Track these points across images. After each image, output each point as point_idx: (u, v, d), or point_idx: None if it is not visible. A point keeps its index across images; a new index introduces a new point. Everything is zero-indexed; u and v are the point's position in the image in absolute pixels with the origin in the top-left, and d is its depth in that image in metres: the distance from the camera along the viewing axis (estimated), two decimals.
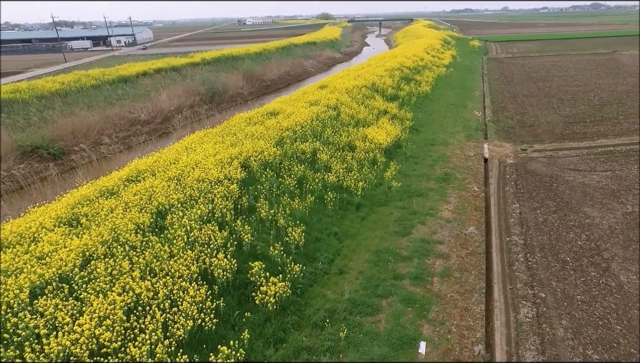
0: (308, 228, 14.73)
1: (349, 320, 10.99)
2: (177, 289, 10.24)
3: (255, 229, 13.62)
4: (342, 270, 13.21)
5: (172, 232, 11.84)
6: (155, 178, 14.92)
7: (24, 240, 11.10)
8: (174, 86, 46.97)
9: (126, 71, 47.45)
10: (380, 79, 36.34)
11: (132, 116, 37.59)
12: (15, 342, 8.24)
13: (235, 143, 18.60)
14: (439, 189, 19.08)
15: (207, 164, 15.86)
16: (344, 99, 28.23)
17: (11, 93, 35.55)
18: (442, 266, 13.41)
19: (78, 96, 39.35)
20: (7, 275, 9.65)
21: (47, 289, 9.34)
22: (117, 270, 10.20)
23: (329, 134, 21.96)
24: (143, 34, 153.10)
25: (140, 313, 9.46)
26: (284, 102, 27.24)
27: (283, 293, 11.17)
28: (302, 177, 17.54)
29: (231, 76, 54.85)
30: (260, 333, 10.45)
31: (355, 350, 10.08)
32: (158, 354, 8.66)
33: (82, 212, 12.58)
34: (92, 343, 8.50)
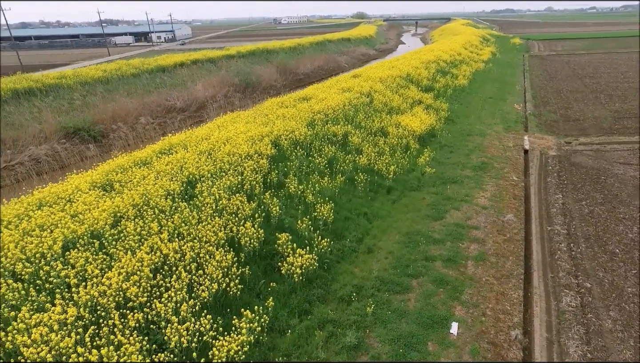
0: (337, 207, 14.39)
1: (377, 297, 10.58)
2: (203, 253, 10.18)
3: (283, 203, 13.42)
4: (371, 249, 12.80)
5: (201, 200, 11.81)
6: (187, 151, 15.02)
7: (60, 200, 11.36)
8: (209, 77, 47.82)
9: (164, 61, 48.74)
10: (416, 70, 35.49)
11: (168, 103, 38.48)
12: (47, 289, 8.38)
13: (266, 123, 18.52)
14: (474, 177, 18.27)
15: (238, 140, 15.82)
16: (378, 87, 27.69)
17: (57, 79, 37.20)
18: (477, 251, 12.73)
19: (119, 83, 40.71)
20: (42, 229, 9.88)
21: (78, 243, 9.47)
22: (146, 230, 10.25)
23: (361, 119, 21.53)
24: (182, 30, 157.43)
25: (167, 273, 9.44)
26: (317, 89, 27.03)
27: (309, 265, 10.90)
28: (333, 158, 17.22)
29: (265, 68, 55.30)
30: (285, 303, 10.22)
31: (383, 326, 9.67)
32: (182, 313, 8.58)
33: (116, 178, 12.78)
34: (119, 296, 8.53)
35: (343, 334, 9.37)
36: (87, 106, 34.27)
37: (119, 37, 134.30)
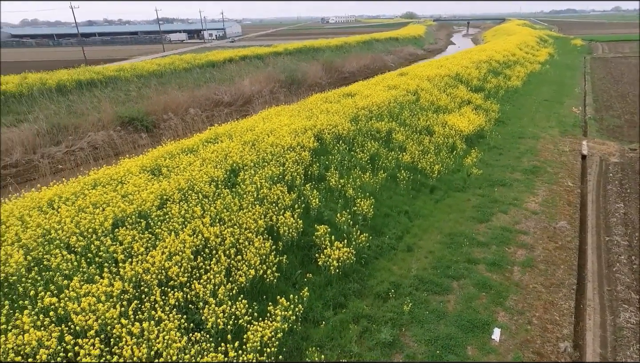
0: (377, 203, 14.14)
1: (415, 296, 10.27)
2: (243, 239, 10.32)
3: (323, 196, 13.37)
4: (411, 248, 12.45)
5: (243, 188, 12.00)
6: (232, 140, 15.34)
7: (113, 181, 11.96)
8: (256, 72, 48.79)
9: (215, 56, 50.33)
10: (465, 70, 34.26)
11: (216, 97, 39.68)
12: (97, 262, 8.82)
13: (310, 117, 18.56)
14: (525, 181, 17.32)
15: (282, 132, 15.95)
16: (425, 86, 26.99)
17: (116, 71, 39.45)
18: (524, 256, 12.03)
19: (171, 76, 42.51)
20: (96, 206, 10.43)
21: (127, 222, 9.91)
22: (189, 214, 10.55)
23: (406, 117, 21.06)
24: (232, 28, 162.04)
25: (207, 256, 9.65)
26: (362, 85, 26.79)
27: (347, 259, 10.76)
28: (375, 154, 16.95)
29: (311, 65, 55.62)
30: (320, 294, 10.16)
31: (420, 326, 9.35)
32: (220, 295, 8.74)
33: (164, 164, 13.28)
34: (162, 274, 8.82)
35: (378, 330, 9.17)
36: (141, 98, 36.04)
37: (173, 34, 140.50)
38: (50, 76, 36.47)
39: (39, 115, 30.05)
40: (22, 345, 6.90)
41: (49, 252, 8.79)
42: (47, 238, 9.20)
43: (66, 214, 9.96)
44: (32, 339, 6.94)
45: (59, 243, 9.07)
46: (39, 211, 10.32)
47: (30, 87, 33.65)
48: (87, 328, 7.42)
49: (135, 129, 31.19)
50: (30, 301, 7.72)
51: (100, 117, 31.01)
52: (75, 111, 32.02)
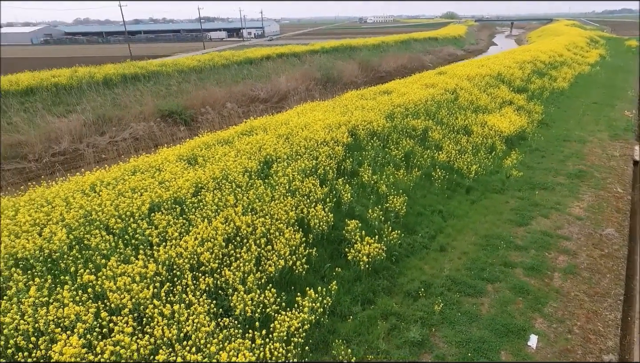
0: (410, 201, 13.84)
1: (446, 296, 9.94)
2: (274, 229, 10.36)
3: (355, 191, 13.22)
4: (444, 248, 12.09)
5: (276, 179, 12.06)
6: (267, 133, 15.47)
7: (151, 168, 12.34)
8: (292, 70, 49.18)
9: (252, 54, 51.14)
10: (508, 70, 33.01)
11: (252, 93, 40.30)
12: (133, 244, 9.11)
13: (344, 113, 18.44)
14: (569, 185, 16.43)
15: (316, 127, 15.92)
16: (464, 85, 26.22)
17: (158, 66, 40.86)
18: (566, 263, 11.39)
19: (210, 72, 43.56)
20: (134, 191, 10.78)
21: (163, 207, 10.18)
22: (223, 202, 10.70)
23: (444, 115, 20.51)
24: (271, 27, 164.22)
25: (238, 244, 9.75)
26: (398, 83, 26.36)
27: (377, 255, 10.58)
28: (410, 152, 16.61)
29: (347, 64, 55.43)
30: (348, 289, 10.03)
31: (451, 327, 9.04)
32: (249, 283, 8.80)
33: (200, 153, 13.58)
34: (194, 259, 8.99)
35: (407, 329, 8.94)
36: (181, 92, 37.15)
37: (213, 32, 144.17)
38: (98, 70, 38.30)
39: (87, 106, 31.59)
40: (62, 318, 7.21)
41: (90, 232, 9.15)
42: (88, 219, 9.58)
43: (107, 197, 10.35)
44: (71, 313, 7.23)
45: (98, 224, 9.44)
46: (82, 194, 10.78)
47: (79, 80, 35.46)
48: (122, 306, 7.65)
49: (175, 122, 32.18)
50: (70, 277, 8.06)
51: (142, 110, 32.22)
52: (119, 104, 33.41)
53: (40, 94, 32.73)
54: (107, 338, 7.15)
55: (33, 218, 9.50)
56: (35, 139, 26.36)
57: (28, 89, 32.79)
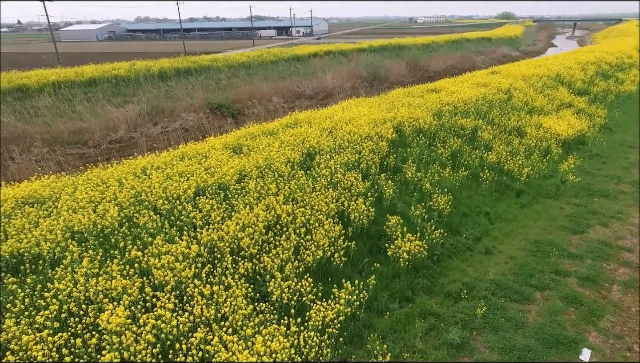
0: (455, 201, 13.34)
1: (490, 301, 9.46)
2: (313, 220, 10.34)
3: (398, 188, 12.93)
4: (489, 251, 11.53)
5: (318, 171, 12.04)
6: (311, 126, 15.51)
7: (198, 155, 12.75)
8: (339, 68, 49.16)
9: (300, 51, 51.64)
10: (568, 70, 31.06)
11: (298, 89, 40.68)
12: (178, 226, 9.42)
13: (390, 109, 18.13)
14: (633, 194, 15.15)
15: (360, 121, 15.76)
16: (519, 85, 24.97)
17: (210, 61, 42.29)
18: (627, 276, 10.49)
19: (258, 68, 44.51)
20: (181, 176, 11.16)
21: (207, 192, 10.45)
22: (265, 190, 10.83)
23: (495, 115, 19.61)
24: (319, 26, 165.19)
25: (278, 232, 9.82)
26: (448, 82, 25.58)
27: (418, 252, 10.26)
28: (458, 151, 16.02)
29: (394, 63, 54.60)
30: (386, 285, 9.81)
31: (493, 332, 8.59)
32: (286, 271, 8.83)
33: (245, 143, 13.85)
34: (234, 244, 9.15)
35: (446, 330, 8.59)
36: (230, 86, 38.19)
37: (263, 30, 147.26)
38: (154, 63, 40.25)
39: (142, 98, 33.24)
40: (110, 289, 7.58)
41: (139, 211, 9.58)
42: (138, 199, 10.03)
43: (156, 180, 10.79)
44: (118, 285, 7.58)
45: (147, 205, 9.85)
46: (134, 176, 11.31)
47: (137, 72, 37.45)
48: (165, 283, 7.92)
49: (222, 114, 33.12)
50: (119, 252, 8.46)
51: (192, 103, 33.45)
52: (172, 96, 34.88)
53: (101, 85, 34.90)
54: (149, 312, 7.43)
55: (89, 195, 10.09)
56: (95, 127, 28.10)
57: (91, 80, 35.07)
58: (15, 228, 8.74)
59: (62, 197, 10.05)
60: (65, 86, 33.26)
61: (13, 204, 9.79)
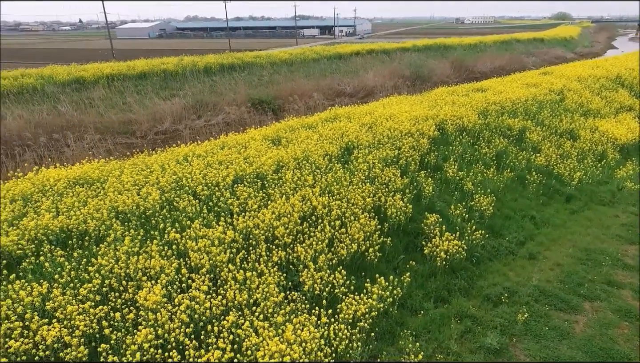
0: (499, 203, 12.75)
1: (533, 307, 8.93)
2: (349, 213, 10.20)
3: (437, 186, 12.52)
4: (534, 256, 10.91)
5: (356, 165, 11.89)
6: (350, 121, 15.37)
7: (238, 145, 12.97)
8: (381, 67, 48.58)
9: (343, 49, 51.54)
10: (630, 72, 28.94)
11: (339, 88, 40.58)
12: (215, 211, 9.60)
13: (433, 107, 17.66)
14: None
15: (401, 118, 15.44)
16: (573, 86, 23.56)
17: (253, 58, 43.08)
18: None
19: (300, 66, 44.82)
20: (221, 164, 11.38)
21: (245, 180, 10.59)
22: (301, 181, 10.82)
23: (545, 117, 18.61)
24: (363, 26, 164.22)
25: (313, 223, 9.77)
26: (495, 82, 24.62)
27: (456, 253, 9.87)
28: (503, 151, 15.31)
29: (439, 63, 53.25)
30: (422, 284, 9.51)
31: (535, 340, 8.09)
32: (319, 262, 8.75)
33: (284, 135, 13.94)
34: (269, 232, 9.20)
35: (483, 334, 8.19)
36: (271, 83, 38.71)
37: (307, 29, 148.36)
38: (200, 59, 41.56)
39: (188, 92, 34.39)
40: (149, 268, 7.82)
41: (179, 196, 9.85)
42: (179, 184, 10.32)
43: (197, 167, 11.08)
44: (156, 265, 7.81)
45: (187, 190, 10.12)
46: (176, 162, 11.67)
47: (184, 67, 38.80)
48: (200, 266, 8.08)
49: (263, 109, 33.64)
50: (159, 234, 8.72)
51: (235, 98, 34.21)
52: (215, 91, 35.83)
53: (151, 78, 36.45)
54: (184, 292, 7.59)
55: (134, 179, 10.50)
56: (143, 118, 29.38)
57: (142, 74, 36.70)
58: (66, 206, 9.23)
59: (110, 179, 10.52)
60: (118, 79, 35.03)
61: (65, 184, 10.36)
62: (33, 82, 31.53)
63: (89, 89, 32.95)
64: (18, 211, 9.15)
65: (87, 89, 32.97)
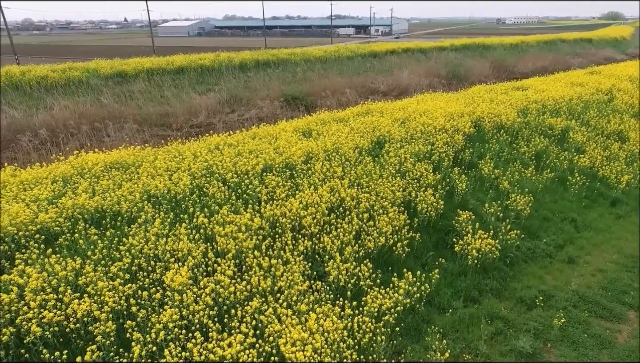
0: (537, 203, 12.15)
1: (571, 313, 8.41)
2: (378, 207, 9.99)
3: (472, 184, 12.07)
4: (573, 260, 10.30)
5: (386, 159, 11.64)
6: (382, 116, 15.10)
7: (269, 136, 13.02)
8: (417, 65, 47.63)
9: (377, 47, 50.99)
10: None
11: (372, 85, 40.12)
12: (243, 199, 9.64)
13: (469, 104, 17.08)
14: None
15: (435, 114, 15.03)
16: (624, 86, 22.20)
17: (288, 55, 43.33)
18: None
19: (334, 63, 44.66)
20: (251, 153, 11.44)
21: (274, 169, 10.59)
22: (330, 173, 10.70)
23: (591, 117, 17.59)
24: (399, 25, 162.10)
25: (340, 214, 9.63)
26: (537, 80, 23.69)
27: (489, 252, 9.46)
28: (544, 151, 14.59)
29: (477, 62, 51.67)
30: (451, 282, 9.17)
31: (572, 347, 7.61)
32: (346, 254, 8.61)
33: (315, 128, 13.86)
34: (296, 221, 9.14)
35: (515, 337, 7.79)
36: (305, 79, 38.76)
37: (342, 29, 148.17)
38: (236, 55, 42.24)
39: (223, 87, 35.02)
40: (176, 251, 7.93)
41: (209, 182, 9.96)
42: (209, 171, 10.46)
43: (228, 155, 11.18)
44: (184, 247, 7.92)
45: (217, 177, 10.22)
46: (208, 151, 11.84)
47: (220, 63, 39.57)
48: (226, 251, 8.12)
49: (296, 105, 33.74)
50: (188, 217, 8.84)
51: (268, 93, 34.51)
52: (249, 86, 36.31)
53: (188, 73, 37.39)
54: (210, 276, 7.65)
55: (167, 165, 10.74)
56: (179, 111, 30.17)
57: (180, 69, 37.73)
58: (102, 188, 9.54)
59: (144, 165, 10.80)
60: (157, 73, 36.15)
61: (102, 168, 10.73)
62: (79, 75, 33.06)
63: (129, 82, 34.19)
64: (57, 191, 9.55)
65: (128, 82, 34.23)
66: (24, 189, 9.56)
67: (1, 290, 6.77)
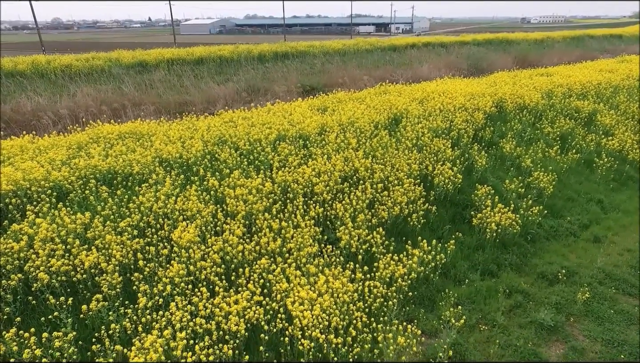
0: (561, 184, 11.61)
1: (596, 289, 7.93)
2: (393, 178, 9.69)
3: (492, 162, 11.62)
4: (599, 239, 9.76)
5: (403, 133, 11.32)
6: (400, 96, 14.75)
7: (283, 111, 12.84)
8: (437, 59, 46.83)
9: (397, 41, 50.39)
10: None
11: (391, 78, 39.43)
12: (256, 165, 9.49)
13: (491, 86, 16.53)
14: None
15: (455, 94, 14.58)
16: None
17: (307, 47, 43.19)
18: None
19: (353, 56, 44.31)
20: (264, 125, 11.29)
21: (288, 139, 10.42)
22: (345, 143, 10.45)
23: (621, 101, 16.80)
24: (420, 23, 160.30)
25: (354, 184, 9.38)
26: (563, 68, 22.85)
27: (509, 226, 9.04)
28: (569, 133, 13.99)
29: (499, 57, 50.39)
30: (467, 256, 8.80)
31: (597, 322, 7.15)
32: (358, 221, 8.35)
33: (330, 106, 13.63)
34: (308, 188, 8.93)
35: (535, 310, 7.37)
36: (323, 72, 38.53)
37: (362, 27, 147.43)
38: (255, 47, 42.40)
39: (241, 77, 35.10)
40: (185, 210, 7.83)
41: (221, 149, 9.85)
42: (222, 139, 10.36)
43: (241, 128, 11.06)
44: (193, 207, 7.81)
45: (230, 145, 10.11)
46: (222, 123, 11.75)
47: (239, 54, 39.77)
48: (236, 212, 7.98)
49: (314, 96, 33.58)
50: (199, 180, 8.74)
51: (286, 84, 34.45)
52: (267, 78, 36.28)
53: (207, 64, 37.68)
54: (219, 236, 7.51)
55: (180, 134, 10.69)
56: (197, 100, 30.35)
57: (199, 59, 38.07)
58: (115, 152, 9.54)
59: (157, 134, 10.79)
60: (177, 63, 36.53)
61: (116, 136, 10.75)
62: (102, 64, 33.68)
63: (150, 71, 34.62)
64: (72, 155, 9.59)
65: (148, 71, 34.67)
66: (40, 153, 9.66)
67: (11, 238, 6.79)
